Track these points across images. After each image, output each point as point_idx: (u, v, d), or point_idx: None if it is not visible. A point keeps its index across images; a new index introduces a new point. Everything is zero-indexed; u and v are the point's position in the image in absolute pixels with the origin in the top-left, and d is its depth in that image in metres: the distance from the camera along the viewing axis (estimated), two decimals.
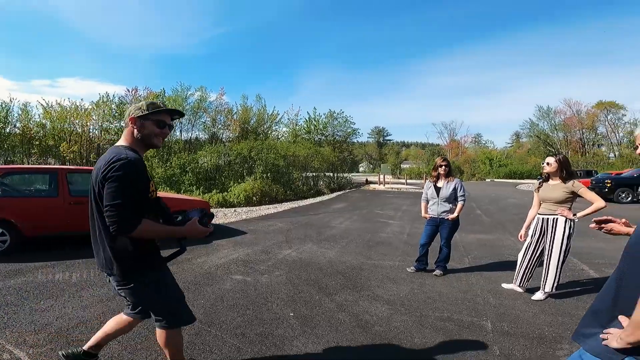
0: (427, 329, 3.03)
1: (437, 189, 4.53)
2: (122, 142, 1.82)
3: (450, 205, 4.47)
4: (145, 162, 1.84)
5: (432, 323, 3.15)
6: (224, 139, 23.28)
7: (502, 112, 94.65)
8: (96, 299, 3.52)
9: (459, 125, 68.55)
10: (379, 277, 4.51)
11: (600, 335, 1.15)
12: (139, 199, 1.68)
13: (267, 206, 12.81)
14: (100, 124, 19.58)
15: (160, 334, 1.93)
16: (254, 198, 13.55)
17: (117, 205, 1.60)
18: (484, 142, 57.93)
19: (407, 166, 53.44)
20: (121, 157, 1.65)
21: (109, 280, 1.89)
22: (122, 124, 1.97)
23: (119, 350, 2.52)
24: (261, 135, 23.62)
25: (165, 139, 3.43)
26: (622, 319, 1.12)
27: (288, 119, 27.25)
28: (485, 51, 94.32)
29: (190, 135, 23.35)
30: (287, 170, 17.65)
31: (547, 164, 3.67)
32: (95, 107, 19.47)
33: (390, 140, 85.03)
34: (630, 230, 1.55)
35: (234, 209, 11.85)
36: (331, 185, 20.65)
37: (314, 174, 20.13)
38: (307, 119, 27.53)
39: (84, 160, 17.76)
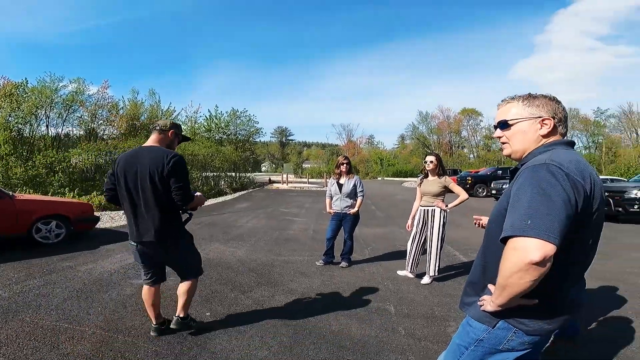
0: (342, 316, 3.26)
1: (340, 186, 4.86)
2: (156, 143, 2.64)
3: (352, 200, 4.84)
4: (0, 160, 1.71)
5: (345, 310, 3.39)
6: (105, 136, 20.37)
7: (392, 115, 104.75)
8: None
9: (355, 127, 73.87)
10: (290, 272, 4.63)
11: (477, 302, 1.28)
12: None
13: None
14: None
15: (187, 284, 2.76)
16: None
17: (184, 187, 2.45)
18: (376, 143, 63.61)
19: (309, 166, 55.24)
20: (177, 154, 2.50)
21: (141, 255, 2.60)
22: (155, 129, 2.27)
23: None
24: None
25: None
26: (490, 286, 1.24)
27: (186, 116, 25.44)
28: (378, 56, 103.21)
29: (60, 130, 19.72)
30: None
31: (431, 162, 4.28)
32: None
33: (292, 140, 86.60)
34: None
35: (122, 212, 10.52)
36: (233, 185, 20.04)
37: (214, 173, 19.25)
38: (208, 117, 26.15)
39: None
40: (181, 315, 2.81)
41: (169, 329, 2.83)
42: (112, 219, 9.01)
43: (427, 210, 4.26)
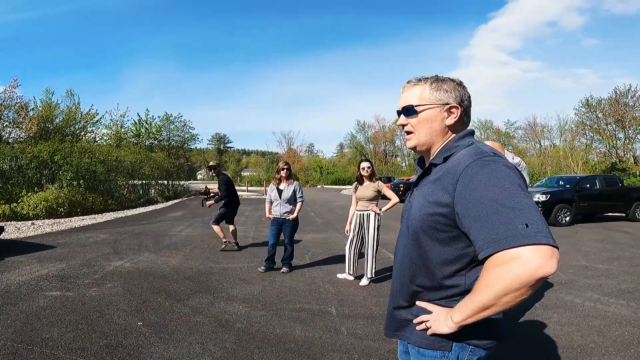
0: (284, 320, 3.21)
1: (280, 191, 4.83)
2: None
3: (291, 206, 4.83)
4: None
5: (288, 314, 3.35)
6: (10, 140, 17.75)
7: (331, 123, 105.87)
8: None
9: (296, 135, 74.11)
10: (230, 279, 4.44)
11: (417, 327, 1.06)
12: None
13: (80, 217, 10.55)
14: None
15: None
16: (60, 209, 10.88)
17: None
18: (316, 151, 64.51)
19: (248, 174, 54.13)
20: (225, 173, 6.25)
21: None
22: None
23: None
24: (70, 137, 19.24)
25: None
26: (423, 304, 1.07)
27: (111, 120, 23.33)
28: (317, 65, 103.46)
29: None
30: (107, 177, 14.99)
31: (368, 167, 4.44)
32: None
33: (231, 147, 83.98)
34: None
35: (30, 222, 9.21)
36: (165, 194, 18.75)
37: (143, 181, 17.83)
38: (137, 122, 24.30)
39: None
40: None
41: None
42: (19, 230, 7.88)
43: (363, 214, 4.40)
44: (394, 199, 4.41)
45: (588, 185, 10.30)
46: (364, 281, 4.35)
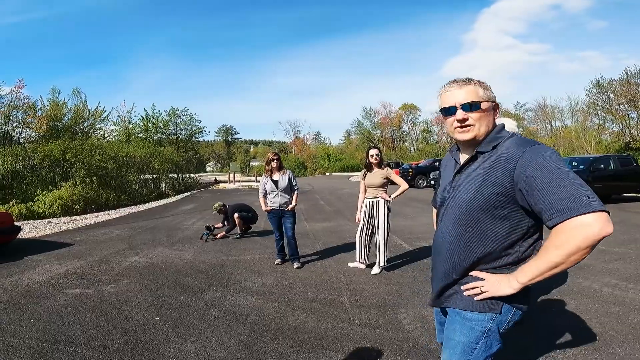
0: (297, 311, 3.24)
1: (275, 182, 4.72)
2: None
3: (289, 196, 4.75)
4: None
5: (300, 305, 3.37)
6: (22, 140, 18.04)
7: (337, 111, 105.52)
8: None
9: (302, 124, 73.73)
10: (242, 271, 4.49)
11: (467, 292, 1.21)
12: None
13: (95, 214, 10.76)
14: None
15: None
16: (76, 206, 11.11)
17: None
18: (323, 139, 64.27)
19: (256, 164, 54.18)
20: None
21: None
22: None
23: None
24: (80, 135, 19.47)
25: None
26: (478, 273, 1.21)
27: (118, 116, 23.49)
28: (322, 54, 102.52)
29: None
30: (119, 173, 15.19)
31: (376, 155, 4.39)
32: None
33: (238, 138, 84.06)
34: None
35: (47, 220, 9.44)
36: (176, 187, 18.99)
37: (154, 175, 18.04)
38: (144, 117, 24.44)
39: None
40: None
41: None
42: (36, 229, 8.08)
43: (372, 202, 4.37)
44: (403, 185, 4.36)
45: (602, 166, 10.04)
46: (376, 269, 4.35)
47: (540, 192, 1.06)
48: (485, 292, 1.18)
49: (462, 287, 1.23)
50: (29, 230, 7.85)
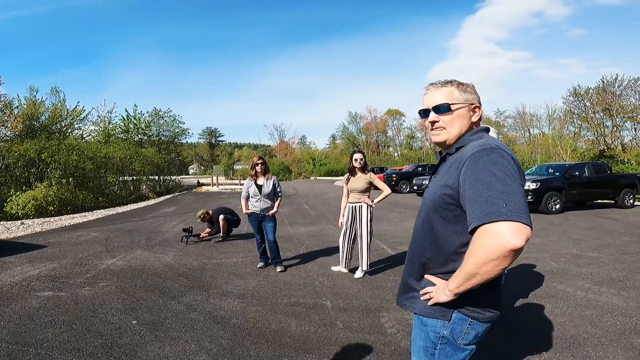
0: (280, 315, 3.20)
1: (259, 187, 4.66)
2: None
3: (271, 202, 4.70)
4: None
5: (283, 309, 3.34)
6: None
7: (323, 115, 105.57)
8: None
9: (287, 127, 73.51)
10: (224, 274, 4.42)
11: (422, 298, 1.20)
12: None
13: (70, 216, 10.40)
14: None
15: None
16: (50, 208, 10.71)
17: None
18: (308, 143, 64.17)
19: (240, 167, 53.66)
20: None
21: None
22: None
23: None
24: (57, 134, 18.84)
25: None
26: (430, 277, 1.20)
27: (98, 116, 22.82)
28: (307, 57, 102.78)
29: None
30: (97, 174, 14.77)
31: (360, 159, 4.39)
32: None
33: (222, 141, 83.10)
34: None
35: (20, 222, 9.06)
36: (157, 189, 18.57)
37: (134, 177, 17.60)
38: (125, 117, 23.86)
39: None
40: None
41: None
42: (8, 230, 7.77)
43: (355, 206, 4.37)
44: (386, 190, 4.40)
45: (577, 173, 10.41)
46: (359, 273, 4.35)
47: (469, 196, 1.05)
48: (432, 297, 1.17)
49: (421, 292, 1.22)
50: (1, 231, 7.55)
